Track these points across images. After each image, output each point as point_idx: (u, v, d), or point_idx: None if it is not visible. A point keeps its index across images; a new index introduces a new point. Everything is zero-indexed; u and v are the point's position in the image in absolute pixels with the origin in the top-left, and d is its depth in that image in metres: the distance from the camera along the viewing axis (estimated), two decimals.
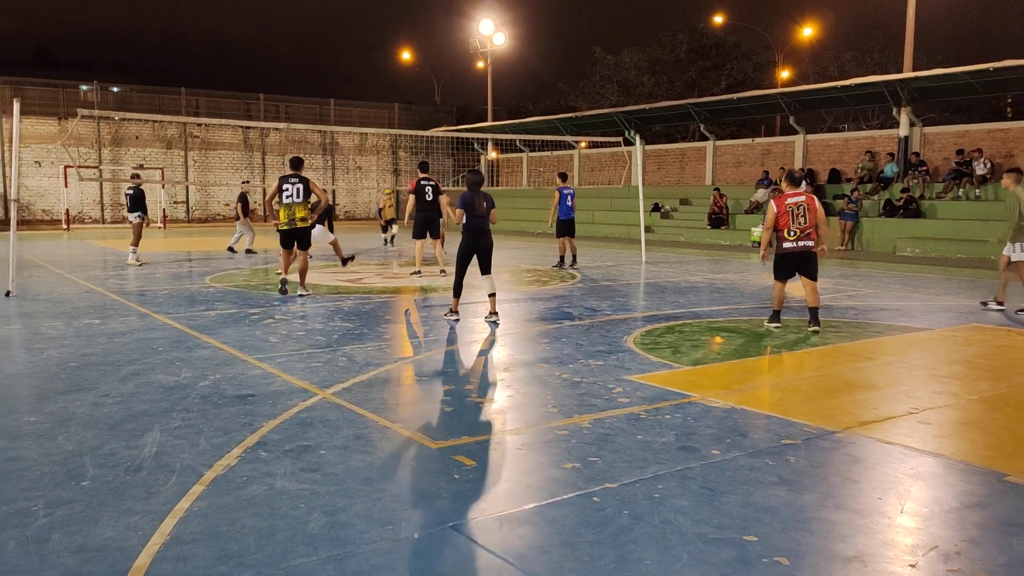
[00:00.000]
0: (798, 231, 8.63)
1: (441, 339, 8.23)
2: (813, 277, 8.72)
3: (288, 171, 11.02)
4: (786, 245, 8.66)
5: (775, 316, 8.98)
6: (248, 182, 20.96)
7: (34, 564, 3.21)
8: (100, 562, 3.24)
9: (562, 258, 15.85)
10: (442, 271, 13.80)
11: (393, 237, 21.65)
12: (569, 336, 8.31)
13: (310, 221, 11.13)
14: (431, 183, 13.45)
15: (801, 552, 3.37)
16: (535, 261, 17.35)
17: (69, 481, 4.11)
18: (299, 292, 11.11)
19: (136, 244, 15.80)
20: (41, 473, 4.23)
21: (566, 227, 15.67)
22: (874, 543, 3.47)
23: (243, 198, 18.92)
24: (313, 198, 11.07)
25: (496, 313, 9.14)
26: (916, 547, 3.43)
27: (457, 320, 9.14)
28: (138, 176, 16.84)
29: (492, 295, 9.19)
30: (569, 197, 15.55)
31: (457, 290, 9.18)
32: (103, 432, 4.93)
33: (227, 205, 35.53)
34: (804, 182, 14.73)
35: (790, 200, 8.67)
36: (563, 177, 16.08)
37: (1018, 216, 10.01)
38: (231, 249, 18.62)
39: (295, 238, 10.98)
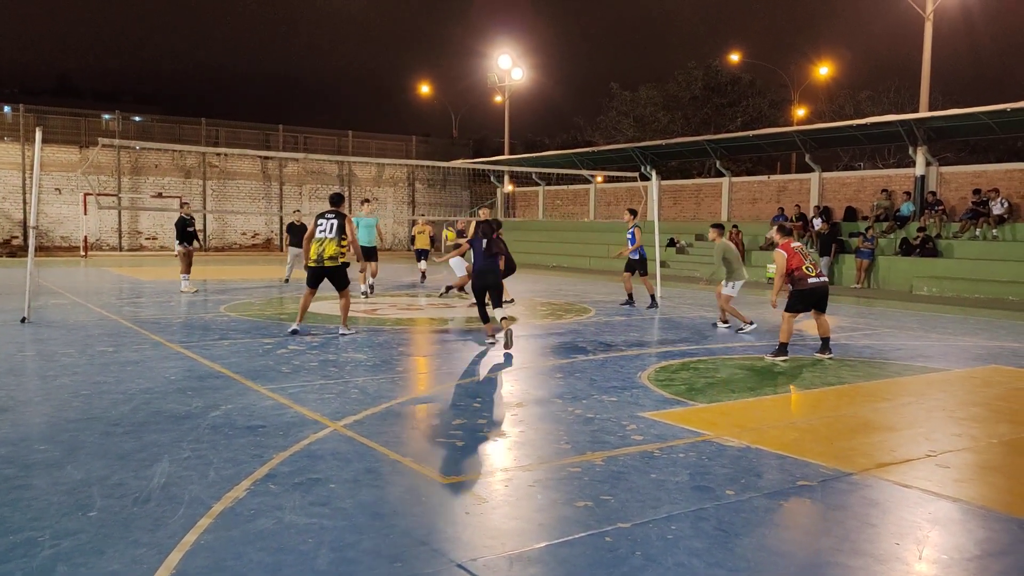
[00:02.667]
0: (813, 266, 9.13)
1: (454, 372, 8.19)
2: (825, 310, 9.31)
3: (328, 207, 10.51)
4: (811, 281, 9.04)
5: (783, 350, 8.97)
6: (299, 211, 20.77)
7: None
8: None
9: (630, 295, 15.02)
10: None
11: (424, 273, 19.47)
12: (583, 371, 8.25)
13: (340, 261, 10.19)
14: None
15: None
16: (551, 294, 17.31)
17: (76, 511, 4.09)
18: (340, 331, 10.44)
19: (186, 272, 16.09)
20: (49, 503, 4.21)
21: (637, 264, 14.57)
22: None
23: (290, 228, 18.78)
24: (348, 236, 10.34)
25: (507, 338, 9.46)
26: None
27: (493, 343, 9.84)
28: (186, 204, 17.23)
29: (504, 319, 9.81)
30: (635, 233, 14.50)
31: (484, 318, 10.18)
32: (112, 462, 4.92)
33: (254, 236, 35.76)
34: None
35: (792, 244, 9.22)
36: (633, 213, 14.94)
37: (723, 262, 11.52)
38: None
39: (323, 277, 10.21)
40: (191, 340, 9.80)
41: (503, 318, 9.76)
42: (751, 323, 11.55)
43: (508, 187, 38.62)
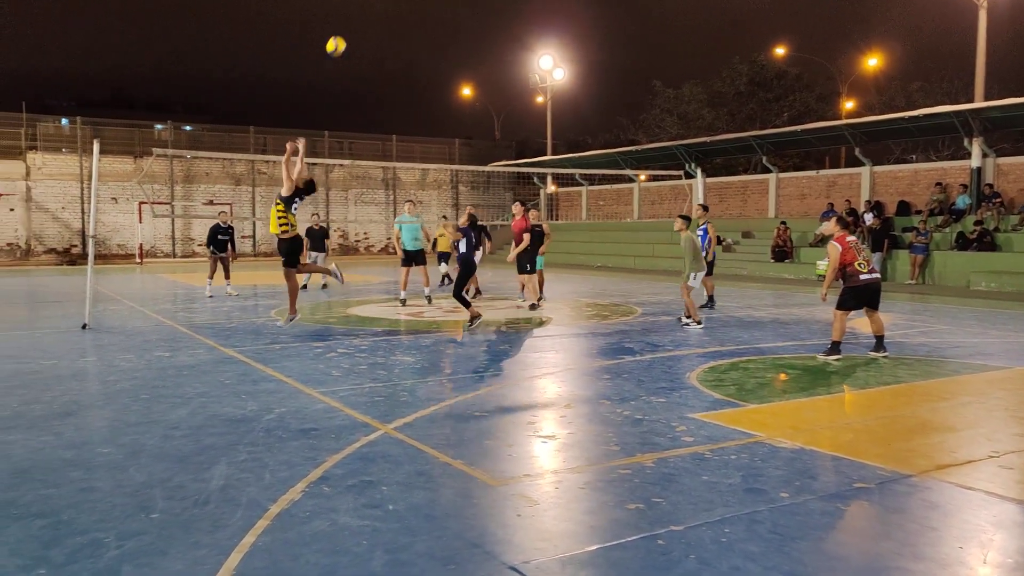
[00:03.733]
0: (866, 262, 8.95)
1: (501, 374, 8.22)
2: (878, 307, 9.11)
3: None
4: (863, 277, 8.87)
5: (836, 348, 8.82)
6: (316, 214, 20.89)
7: None
8: None
9: (711, 297, 14.19)
10: (533, 304, 13.82)
11: (447, 275, 18.76)
12: (631, 372, 8.21)
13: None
14: (539, 228, 14.05)
15: None
16: (596, 295, 17.24)
17: (139, 513, 4.20)
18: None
19: (211, 277, 16.70)
20: (112, 504, 4.34)
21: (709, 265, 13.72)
22: None
23: (309, 232, 18.42)
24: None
25: (473, 322, 11.16)
26: None
27: (479, 320, 11.27)
28: (223, 212, 17.58)
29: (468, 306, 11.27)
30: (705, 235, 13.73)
31: (468, 303, 11.46)
32: (172, 464, 5.04)
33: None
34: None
35: (848, 238, 9.02)
36: (705, 209, 14.36)
37: (693, 253, 11.69)
38: (324, 286, 18.49)
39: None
40: (243, 344, 10.00)
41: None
42: (700, 323, 11.72)
43: (551, 188, 38.59)
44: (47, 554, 3.69)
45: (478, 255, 12.02)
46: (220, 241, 16.54)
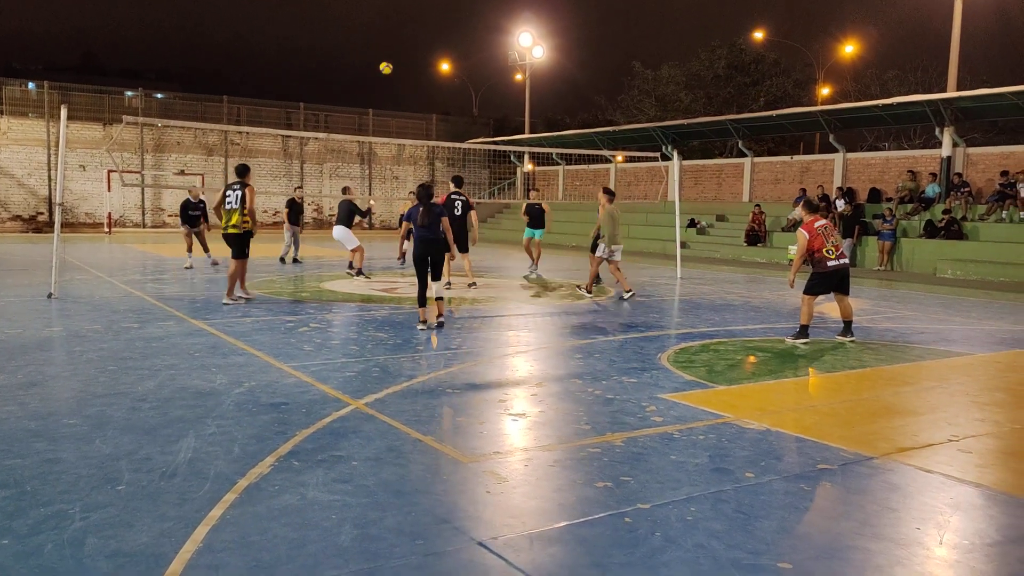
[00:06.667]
0: (835, 249, 9.01)
1: (473, 352, 8.23)
2: (848, 292, 9.21)
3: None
4: (831, 264, 8.95)
5: (804, 332, 8.95)
6: (301, 187, 20.51)
7: (70, 568, 3.26)
8: (134, 567, 3.27)
9: (597, 278, 14.73)
10: (472, 284, 13.94)
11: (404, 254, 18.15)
12: (602, 352, 8.27)
13: (243, 229, 10.96)
14: (462, 198, 13.62)
15: None
16: (570, 274, 17.28)
17: (105, 485, 4.17)
18: (223, 301, 11.18)
19: (189, 250, 16.55)
20: (78, 476, 4.30)
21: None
22: (911, 575, 3.38)
23: (291, 204, 18.17)
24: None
25: (441, 314, 9.56)
26: None
27: (425, 329, 9.34)
28: (193, 188, 17.60)
29: (439, 299, 9.54)
30: None
31: (421, 300, 9.51)
32: (139, 436, 5.00)
33: (275, 213, 35.96)
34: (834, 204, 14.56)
35: (816, 224, 9.05)
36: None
37: (611, 228, 12.32)
38: (282, 260, 17.99)
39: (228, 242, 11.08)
40: (214, 317, 9.91)
41: (438, 298, 9.51)
42: (591, 294, 12.58)
43: (528, 166, 38.49)
44: (11, 524, 3.65)
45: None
46: (191, 216, 16.39)
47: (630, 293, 12.60)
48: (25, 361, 7.15)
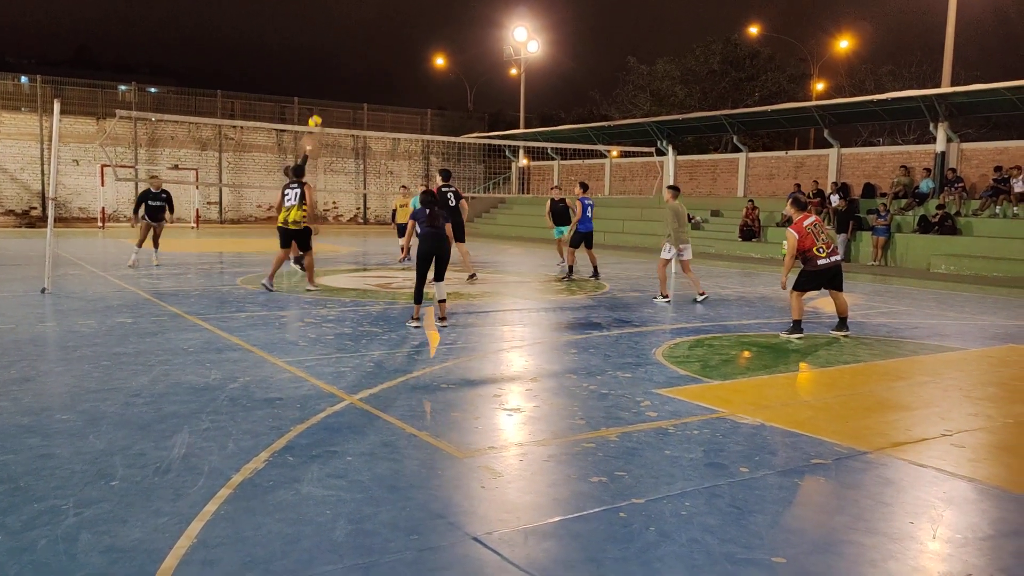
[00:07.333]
0: (825, 247, 9.01)
1: (469, 346, 8.23)
2: (842, 288, 9.21)
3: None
4: (821, 262, 8.95)
5: (797, 327, 8.97)
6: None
7: (63, 564, 3.25)
8: (128, 563, 3.26)
9: (571, 268, 15.23)
10: (472, 276, 14.03)
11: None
12: (597, 347, 8.27)
13: (303, 224, 12.14)
14: (452, 190, 13.88)
15: None
16: (565, 269, 17.26)
17: (99, 480, 4.16)
18: (307, 287, 12.27)
19: (139, 245, 15.40)
20: (72, 471, 4.29)
21: (584, 238, 15.01)
22: (905, 569, 3.40)
23: None
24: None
25: (445, 318, 9.35)
26: (948, 574, 3.36)
27: (419, 328, 9.09)
28: (155, 178, 16.61)
29: (442, 301, 9.35)
30: (589, 208, 14.99)
31: (418, 297, 9.28)
32: (133, 432, 4.99)
33: (269, 208, 35.85)
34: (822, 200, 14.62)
35: (805, 222, 9.02)
36: (584, 187, 15.37)
37: (676, 225, 11.72)
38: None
39: (291, 238, 12.21)
40: (208, 312, 9.89)
41: (441, 300, 9.31)
42: (667, 298, 11.87)
43: (523, 161, 38.47)
44: (3, 520, 3.64)
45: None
46: (153, 208, 15.14)
47: (703, 296, 12.03)
48: (18, 356, 7.13)
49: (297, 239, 12.19)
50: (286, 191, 12.10)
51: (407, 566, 3.31)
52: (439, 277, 9.31)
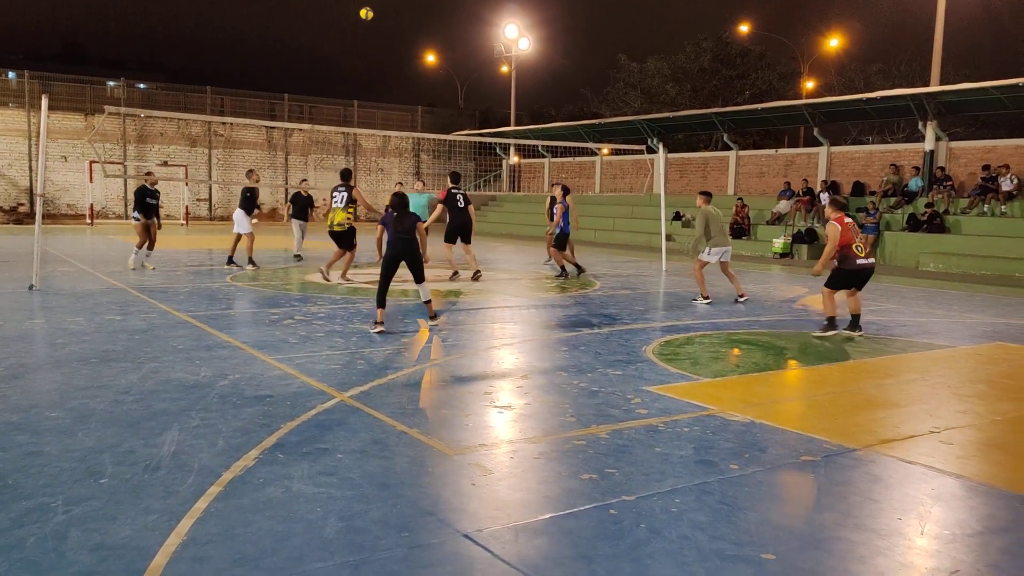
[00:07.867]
0: (863, 246, 9.07)
1: (460, 344, 8.23)
2: (862, 288, 9.26)
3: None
4: (860, 262, 9.00)
5: (832, 323, 9.01)
6: (306, 180, 19.89)
7: (52, 561, 3.24)
8: (117, 560, 3.25)
9: (563, 268, 15.19)
10: (476, 272, 14.04)
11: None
12: (588, 344, 8.28)
13: (347, 226, 12.87)
14: (461, 192, 14.16)
15: (819, 572, 3.33)
16: (555, 268, 17.27)
17: (88, 478, 4.14)
18: (343, 279, 12.93)
19: (140, 245, 14.42)
20: (61, 469, 4.27)
21: (564, 240, 14.99)
22: (893, 565, 3.42)
23: (295, 198, 17.49)
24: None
25: (436, 317, 9.27)
26: (936, 570, 3.38)
27: (381, 332, 8.55)
28: (150, 174, 15.79)
29: (427, 302, 9.21)
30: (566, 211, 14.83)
31: (380, 301, 8.72)
32: (122, 429, 4.97)
33: (261, 205, 35.71)
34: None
35: (845, 219, 9.05)
36: (565, 191, 15.12)
37: (704, 230, 11.71)
38: (297, 256, 17.18)
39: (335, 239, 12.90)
40: (198, 309, 9.85)
41: (426, 301, 9.15)
42: (707, 298, 11.72)
43: (514, 159, 38.45)
44: None
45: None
46: (150, 205, 14.27)
47: (744, 297, 12.05)
48: (6, 354, 7.08)
49: (338, 240, 12.68)
50: (334, 193, 12.67)
51: (397, 563, 3.31)
52: (418, 279, 9.06)
